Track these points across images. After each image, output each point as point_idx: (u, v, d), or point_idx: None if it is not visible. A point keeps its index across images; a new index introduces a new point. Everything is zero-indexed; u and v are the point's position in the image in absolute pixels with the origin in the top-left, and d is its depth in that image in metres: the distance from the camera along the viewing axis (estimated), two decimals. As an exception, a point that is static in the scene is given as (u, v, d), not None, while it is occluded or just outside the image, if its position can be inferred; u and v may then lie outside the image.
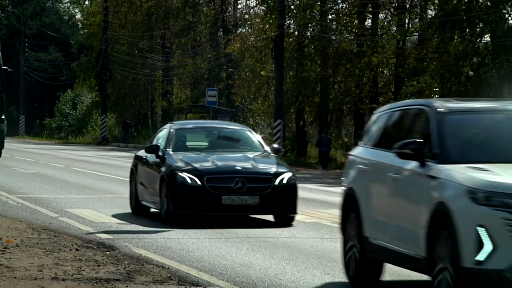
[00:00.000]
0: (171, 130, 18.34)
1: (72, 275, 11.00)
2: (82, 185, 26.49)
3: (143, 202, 18.17)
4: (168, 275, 11.26)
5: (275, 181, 16.60)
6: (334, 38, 51.42)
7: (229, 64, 67.26)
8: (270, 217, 18.59)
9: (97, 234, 15.00)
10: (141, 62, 72.89)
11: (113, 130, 75.69)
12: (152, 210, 17.98)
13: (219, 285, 10.60)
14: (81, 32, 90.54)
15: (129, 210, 19.29)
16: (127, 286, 10.43)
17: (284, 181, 16.67)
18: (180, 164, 16.84)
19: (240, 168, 16.87)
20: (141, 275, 11.21)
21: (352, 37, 50.47)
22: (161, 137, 18.66)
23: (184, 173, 16.45)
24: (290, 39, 51.75)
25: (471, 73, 39.15)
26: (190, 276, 11.23)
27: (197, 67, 71.47)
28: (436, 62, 40.09)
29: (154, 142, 18.55)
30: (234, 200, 16.40)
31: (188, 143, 18.56)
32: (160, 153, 17.45)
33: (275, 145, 20.59)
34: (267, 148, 18.23)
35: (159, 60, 73.89)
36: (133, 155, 24.38)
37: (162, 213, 16.75)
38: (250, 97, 60.04)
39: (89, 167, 35.52)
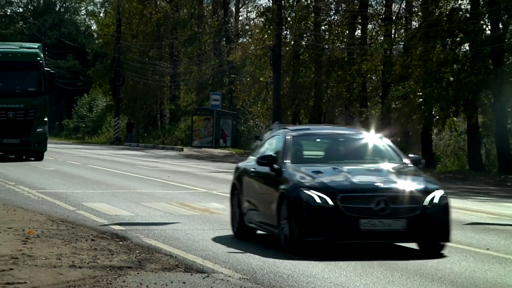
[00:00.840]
0: (287, 137, 13.73)
1: (88, 263, 11.03)
2: (97, 181, 26.46)
3: (251, 225, 13.77)
4: (176, 263, 11.28)
5: (424, 200, 12.37)
6: (327, 47, 51.46)
7: (231, 70, 67.20)
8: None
9: (111, 226, 15.00)
10: (151, 69, 72.91)
11: (125, 131, 75.85)
12: (259, 232, 13.91)
13: (222, 272, 10.61)
14: (96, 41, 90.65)
15: (142, 204, 19.20)
16: (138, 273, 10.44)
17: (435, 201, 12.45)
18: (305, 179, 12.58)
19: (381, 184, 12.66)
20: (151, 263, 11.23)
21: (343, 46, 50.48)
22: (271, 145, 14.14)
23: (311, 190, 12.17)
24: (287, 48, 51.83)
25: (451, 78, 39.07)
26: (195, 264, 11.25)
27: (202, 74, 71.47)
28: (419, 69, 40.05)
29: (263, 152, 13.98)
30: (375, 225, 12.22)
31: (305, 153, 14.13)
32: (276, 166, 13.07)
33: (412, 155, 14.87)
34: (405, 158, 13.79)
35: (167, 67, 73.91)
36: (143, 153, 23.83)
37: (282, 239, 12.40)
38: (250, 100, 60.05)
39: (104, 164, 35.51)
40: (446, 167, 41.25)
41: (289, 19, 52.33)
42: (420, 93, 41.28)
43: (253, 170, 13.84)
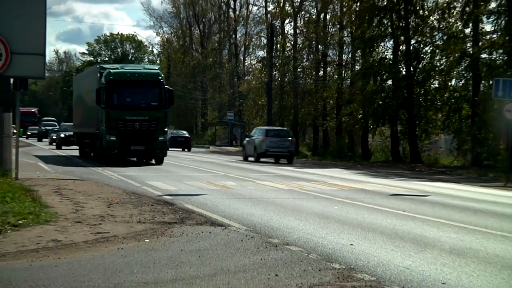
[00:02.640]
0: None
1: (149, 220, 11.05)
2: (154, 167, 26.42)
3: None
4: (205, 220, 11.29)
5: None
6: (301, 82, 51.58)
7: (240, 97, 67.28)
8: (259, 185, 18.47)
9: (163, 196, 15.01)
10: (189, 96, 73.05)
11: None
12: None
13: (234, 226, 10.62)
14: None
15: (183, 182, 19.10)
16: (181, 226, 10.46)
17: None
18: None
19: None
20: (189, 220, 11.24)
21: (311, 81, 50.60)
22: None
23: None
24: (276, 82, 51.93)
25: (380, 102, 39.16)
26: (218, 220, 11.26)
27: (221, 99, 71.61)
28: (360, 96, 40.16)
29: None
30: None
31: None
32: None
33: None
34: None
35: (200, 95, 74.08)
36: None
37: None
38: (252, 116, 60.23)
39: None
40: (377, 158, 41.31)
41: (277, 64, 52.47)
42: (360, 112, 41.40)
43: None
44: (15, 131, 20.40)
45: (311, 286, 6.76)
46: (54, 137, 48.90)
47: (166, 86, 26.91)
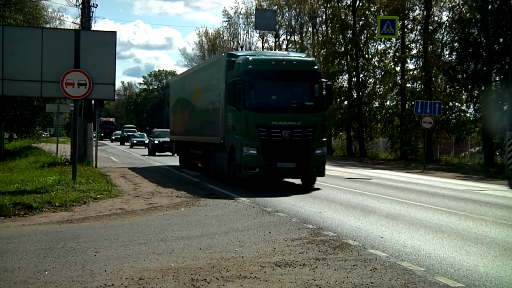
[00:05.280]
0: None
1: (184, 195, 11.01)
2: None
3: None
4: (222, 195, 11.24)
5: None
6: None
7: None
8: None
9: (194, 179, 14.94)
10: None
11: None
12: None
13: (241, 199, 10.57)
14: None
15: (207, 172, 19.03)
16: (205, 199, 10.41)
17: None
18: None
19: None
20: (212, 195, 11.21)
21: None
22: None
23: None
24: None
25: (340, 116, 39.01)
26: (230, 195, 11.18)
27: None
28: (327, 111, 40.01)
29: None
30: None
31: None
32: None
33: None
34: None
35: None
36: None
37: None
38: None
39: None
40: (338, 154, 41.20)
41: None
42: (327, 122, 41.36)
43: None
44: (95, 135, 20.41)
45: (293, 239, 6.75)
46: (135, 142, 40.30)
47: (323, 80, 12.64)
